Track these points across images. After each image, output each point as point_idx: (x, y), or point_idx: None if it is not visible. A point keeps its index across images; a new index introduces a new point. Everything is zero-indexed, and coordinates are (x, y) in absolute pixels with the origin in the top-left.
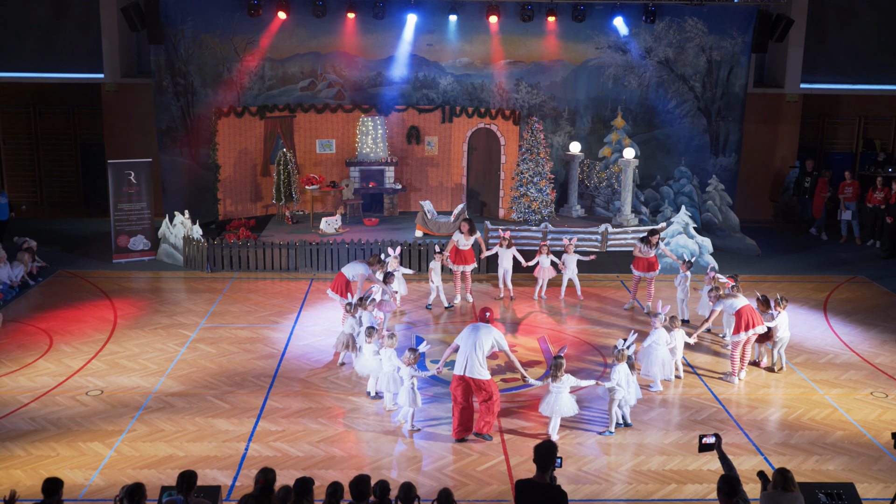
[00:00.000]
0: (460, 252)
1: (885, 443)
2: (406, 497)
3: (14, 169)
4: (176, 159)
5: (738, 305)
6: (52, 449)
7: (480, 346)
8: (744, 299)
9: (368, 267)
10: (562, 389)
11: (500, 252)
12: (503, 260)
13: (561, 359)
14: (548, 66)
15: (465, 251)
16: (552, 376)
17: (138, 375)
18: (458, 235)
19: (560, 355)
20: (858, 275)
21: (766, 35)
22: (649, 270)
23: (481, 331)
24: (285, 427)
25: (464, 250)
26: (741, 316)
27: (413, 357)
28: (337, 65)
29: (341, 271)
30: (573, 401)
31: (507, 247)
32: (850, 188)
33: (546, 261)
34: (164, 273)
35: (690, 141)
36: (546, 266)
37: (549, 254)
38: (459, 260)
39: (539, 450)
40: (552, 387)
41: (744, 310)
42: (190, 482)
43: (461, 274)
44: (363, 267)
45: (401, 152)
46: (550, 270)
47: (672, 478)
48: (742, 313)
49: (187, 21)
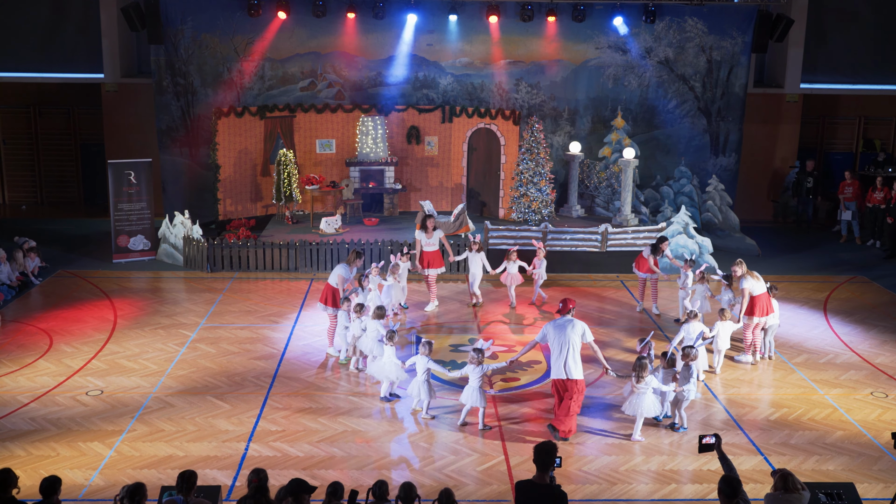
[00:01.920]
0: (424, 253)
1: (885, 443)
2: (406, 497)
3: (14, 169)
4: (176, 159)
5: (758, 291)
6: (52, 449)
7: (574, 344)
8: (763, 286)
9: (347, 266)
10: (645, 390)
11: (470, 256)
12: (472, 265)
13: (644, 359)
14: (548, 66)
15: (429, 252)
16: (637, 377)
17: (138, 375)
18: (420, 233)
19: (643, 356)
20: (858, 275)
21: (766, 35)
22: (651, 272)
23: (568, 328)
24: (285, 427)
25: (428, 251)
26: (757, 301)
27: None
28: (337, 65)
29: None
30: (657, 401)
31: (476, 251)
32: (850, 188)
33: (513, 267)
34: (164, 273)
35: (690, 141)
36: (513, 273)
37: (517, 260)
38: (423, 261)
39: (539, 450)
40: (637, 387)
41: (762, 296)
42: (190, 482)
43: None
44: (341, 267)
45: (401, 152)
46: (517, 277)
47: (672, 478)
48: (759, 299)
49: (187, 21)
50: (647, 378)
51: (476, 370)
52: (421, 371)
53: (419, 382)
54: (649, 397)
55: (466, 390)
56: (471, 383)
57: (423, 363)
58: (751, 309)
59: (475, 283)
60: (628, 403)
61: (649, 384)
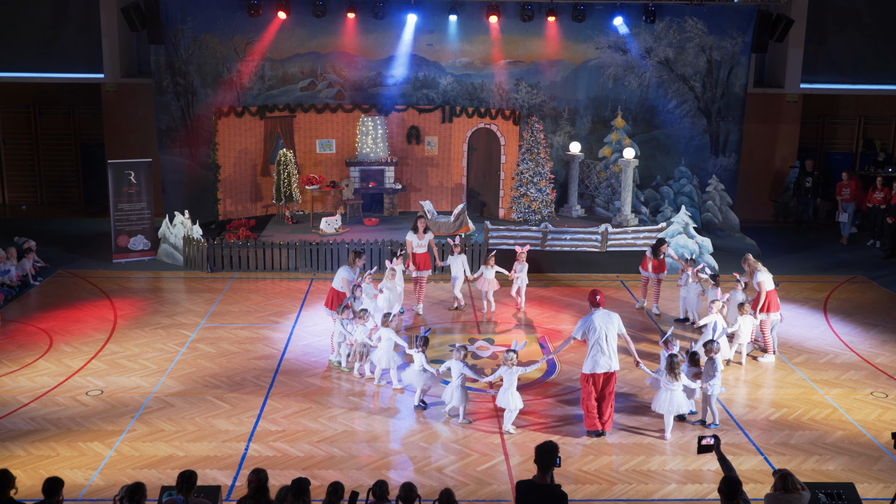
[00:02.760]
0: (415, 255)
1: (885, 443)
2: (406, 497)
3: (14, 169)
4: (176, 159)
5: (770, 286)
6: (52, 449)
7: (613, 337)
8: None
9: (349, 267)
10: (677, 388)
11: (451, 260)
12: (453, 267)
13: (676, 357)
14: (548, 66)
15: (419, 255)
16: (672, 375)
17: (138, 375)
18: (412, 235)
19: (675, 353)
20: (858, 275)
21: (766, 35)
22: (658, 271)
23: (610, 320)
24: (285, 427)
25: (418, 253)
26: (771, 297)
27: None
28: (337, 65)
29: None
30: (687, 399)
31: (458, 253)
32: (848, 189)
33: (490, 273)
34: (164, 273)
35: (690, 141)
36: (489, 278)
37: (494, 266)
38: (414, 263)
39: (540, 450)
40: (669, 385)
41: (774, 292)
42: (190, 482)
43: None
44: (343, 270)
45: (401, 152)
46: (494, 283)
47: (672, 478)
48: (772, 295)
49: (187, 21)
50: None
51: (510, 372)
52: (456, 376)
53: (453, 388)
54: (679, 394)
55: (501, 393)
56: (505, 385)
57: (458, 368)
58: (766, 305)
59: (456, 287)
60: (658, 401)
61: (681, 382)
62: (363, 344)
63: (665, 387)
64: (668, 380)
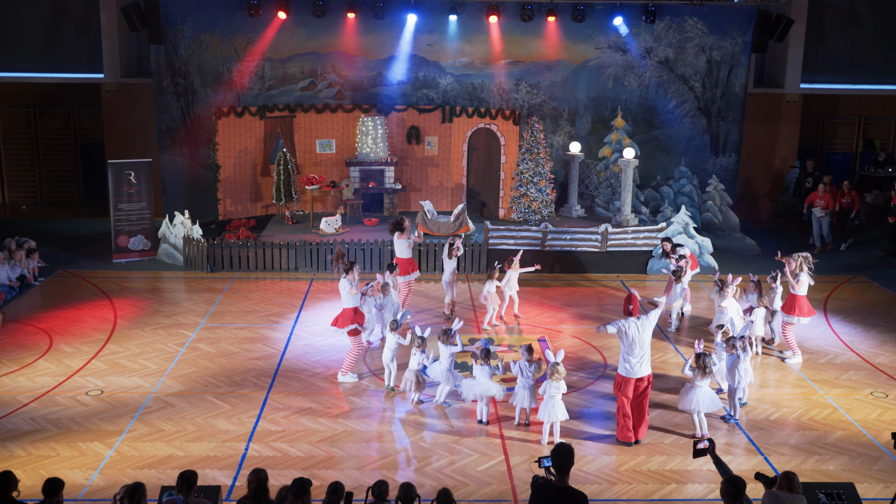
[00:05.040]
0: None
1: (885, 443)
2: (406, 497)
3: (14, 169)
4: (176, 159)
5: (805, 290)
6: (52, 449)
7: (649, 340)
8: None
9: (345, 278)
10: (704, 385)
11: (445, 262)
12: (446, 271)
13: (705, 356)
14: (548, 66)
15: (404, 259)
16: (702, 373)
17: (138, 375)
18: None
19: (704, 353)
20: (858, 275)
21: (766, 35)
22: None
23: (650, 325)
24: (285, 427)
25: (403, 258)
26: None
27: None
28: (337, 65)
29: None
30: (715, 396)
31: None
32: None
33: (492, 286)
34: (164, 273)
35: (690, 141)
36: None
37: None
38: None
39: (558, 453)
40: (698, 383)
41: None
42: (190, 482)
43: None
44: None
45: (401, 152)
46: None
47: (672, 478)
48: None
49: (187, 21)
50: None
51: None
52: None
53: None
54: (707, 392)
55: (518, 392)
56: (519, 383)
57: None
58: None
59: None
60: (685, 400)
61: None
62: (415, 371)
63: (695, 384)
64: (697, 376)
